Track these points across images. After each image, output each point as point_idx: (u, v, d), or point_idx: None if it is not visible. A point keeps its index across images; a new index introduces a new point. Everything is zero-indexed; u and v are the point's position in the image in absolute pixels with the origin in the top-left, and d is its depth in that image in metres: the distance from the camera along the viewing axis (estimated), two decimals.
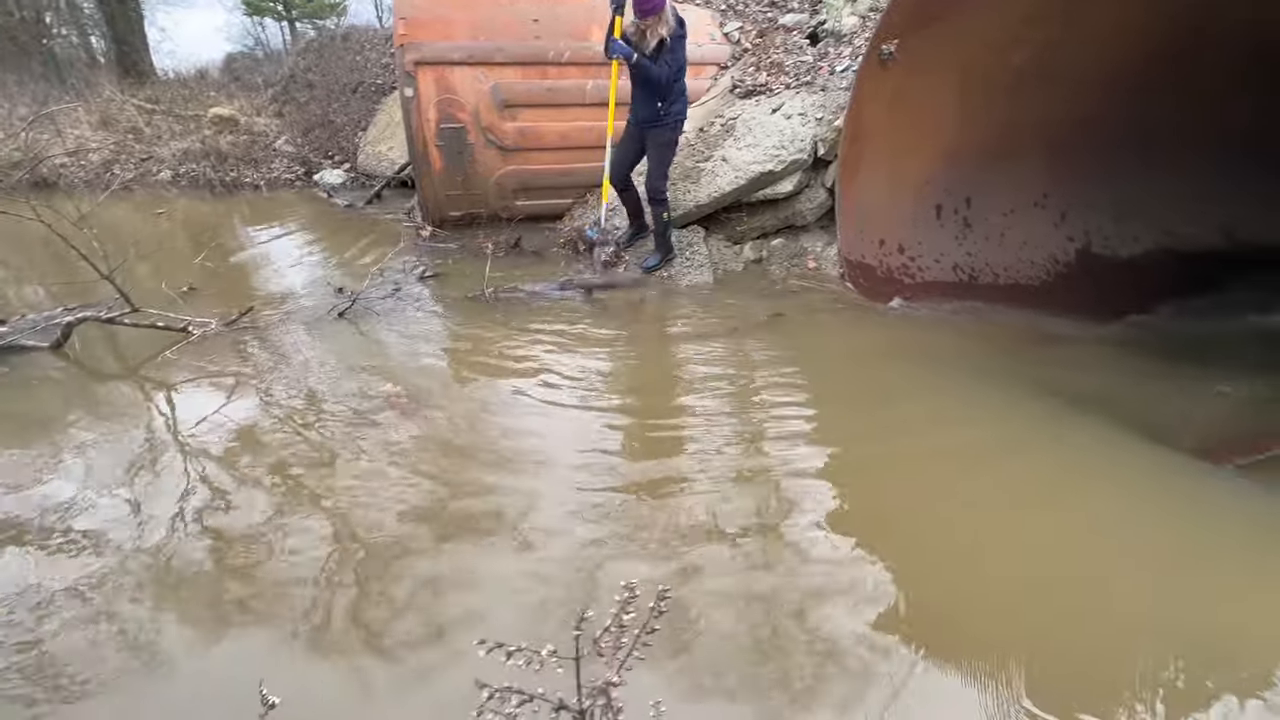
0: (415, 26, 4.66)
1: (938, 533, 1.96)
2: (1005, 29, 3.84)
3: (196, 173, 7.63)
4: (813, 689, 1.41)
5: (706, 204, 4.47)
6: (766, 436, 2.42)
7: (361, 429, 2.44)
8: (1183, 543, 1.96)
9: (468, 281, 4.07)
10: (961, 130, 4.19)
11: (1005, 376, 3.03)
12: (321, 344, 3.22)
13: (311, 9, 20.86)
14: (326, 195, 7.40)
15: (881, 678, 1.43)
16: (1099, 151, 4.71)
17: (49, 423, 2.50)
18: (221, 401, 2.65)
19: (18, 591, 1.67)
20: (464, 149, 4.90)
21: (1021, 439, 2.49)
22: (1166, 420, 2.66)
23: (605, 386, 2.85)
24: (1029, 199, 4.67)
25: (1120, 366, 3.37)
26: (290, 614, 1.60)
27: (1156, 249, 5.04)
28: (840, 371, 3.15)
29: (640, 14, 3.67)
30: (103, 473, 2.17)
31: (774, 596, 1.66)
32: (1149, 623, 1.64)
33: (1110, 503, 2.12)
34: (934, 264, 4.32)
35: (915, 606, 1.63)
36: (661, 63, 3.76)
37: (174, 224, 6.13)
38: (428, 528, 1.92)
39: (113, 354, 3.15)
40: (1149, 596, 1.74)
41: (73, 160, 7.26)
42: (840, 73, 4.63)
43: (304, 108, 9.54)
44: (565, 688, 0.94)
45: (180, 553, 1.82)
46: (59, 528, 1.91)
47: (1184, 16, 4.08)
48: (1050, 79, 4.16)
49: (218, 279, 4.17)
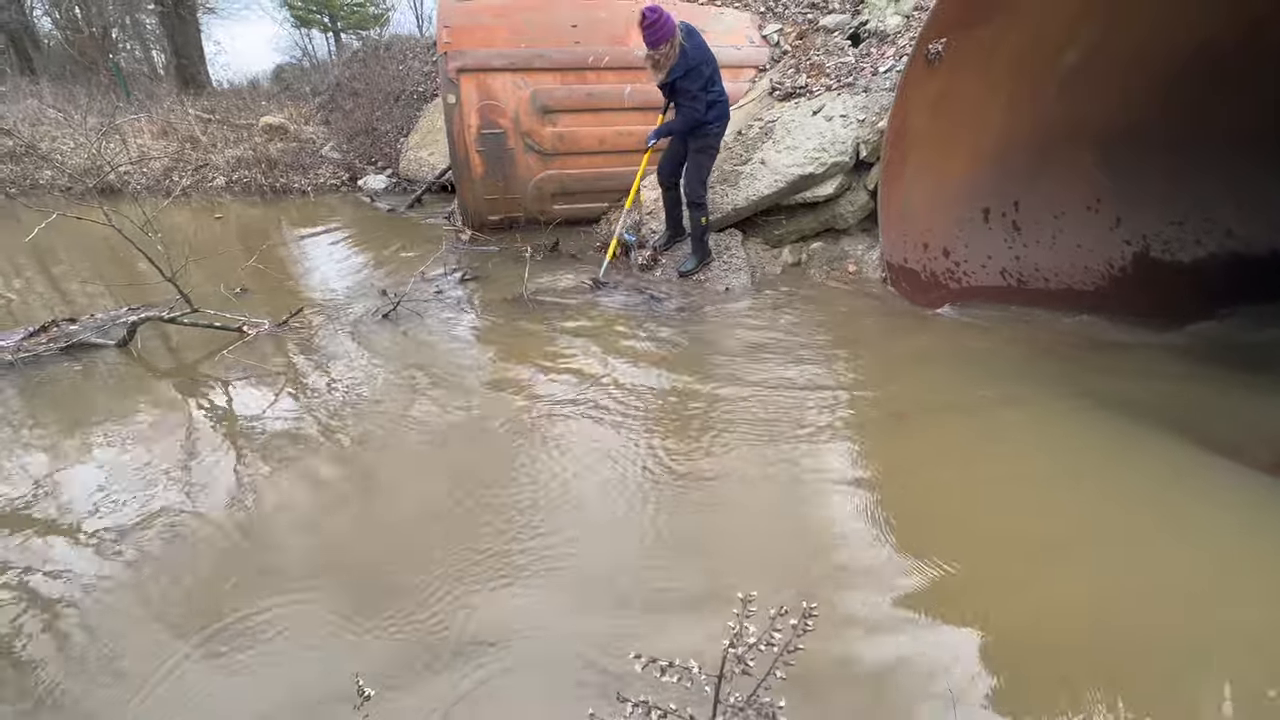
0: (458, 34, 4.76)
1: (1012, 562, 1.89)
2: (1056, 27, 3.71)
3: (248, 179, 7.95)
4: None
5: (744, 207, 4.44)
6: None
7: (404, 426, 2.49)
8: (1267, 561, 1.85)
9: (507, 284, 4.13)
10: (1009, 131, 4.06)
11: (1060, 386, 2.91)
12: (367, 345, 3.30)
13: (356, 20, 21.54)
14: (370, 200, 7.61)
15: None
16: (1155, 152, 4.51)
17: (115, 415, 2.63)
18: (273, 398, 2.75)
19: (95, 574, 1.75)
20: (504, 154, 4.98)
21: (1081, 458, 2.38)
22: (1236, 434, 2.52)
23: (645, 389, 2.85)
24: (1081, 201, 4.50)
25: (1183, 376, 3.21)
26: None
27: (1221, 252, 4.79)
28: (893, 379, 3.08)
29: (652, 44, 3.62)
30: (160, 461, 2.27)
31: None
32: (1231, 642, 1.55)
33: (1180, 526, 2.02)
34: (980, 268, 4.19)
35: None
36: (684, 104, 3.78)
37: (227, 228, 6.39)
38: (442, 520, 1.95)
39: (173, 353, 3.29)
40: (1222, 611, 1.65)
41: (135, 168, 7.65)
42: (883, 73, 4.54)
43: (349, 115, 9.84)
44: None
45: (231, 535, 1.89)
46: (107, 519, 2.01)
47: (1239, 10, 3.87)
48: (1101, 78, 4.00)
49: (268, 281, 4.32)
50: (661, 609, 1.64)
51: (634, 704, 0.88)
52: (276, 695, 1.43)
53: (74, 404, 2.75)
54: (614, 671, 1.43)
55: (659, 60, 3.69)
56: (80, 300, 4.07)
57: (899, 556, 1.81)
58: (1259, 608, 1.69)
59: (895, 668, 1.47)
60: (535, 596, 1.68)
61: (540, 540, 1.88)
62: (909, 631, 1.57)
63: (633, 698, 0.89)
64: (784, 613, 0.90)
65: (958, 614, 1.61)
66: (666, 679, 0.88)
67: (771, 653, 0.90)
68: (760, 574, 1.76)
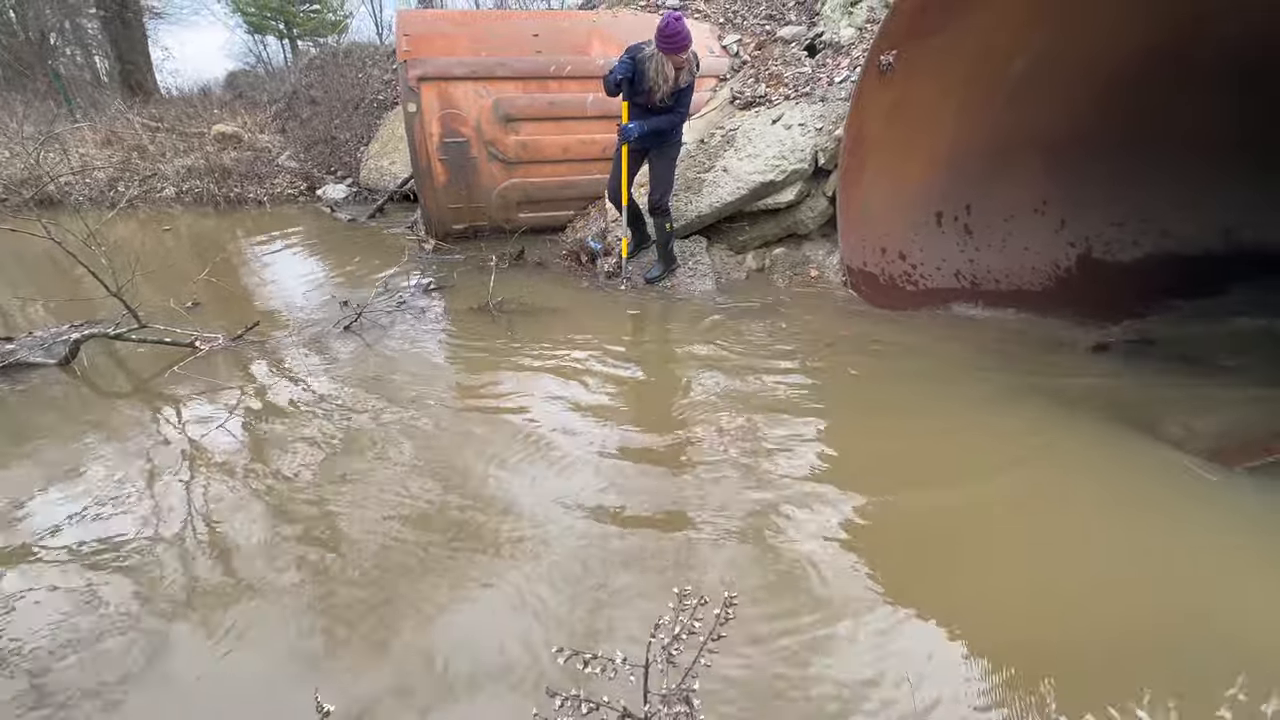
0: (418, 43, 4.71)
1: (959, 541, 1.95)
2: (1004, 36, 3.87)
3: (200, 189, 7.69)
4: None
5: (708, 214, 4.50)
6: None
7: (366, 439, 2.44)
8: (1186, 543, 1.96)
9: (472, 293, 4.09)
10: (961, 138, 4.22)
11: (1009, 382, 3.03)
12: (328, 357, 3.23)
13: (313, 26, 21.12)
14: (329, 210, 7.45)
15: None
16: (1096, 156, 4.74)
17: (58, 438, 2.50)
18: (227, 415, 2.66)
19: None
20: (467, 162, 4.94)
21: (1019, 443, 2.48)
22: (1172, 422, 2.66)
23: (616, 394, 2.85)
24: (1029, 205, 4.70)
25: (1123, 369, 3.37)
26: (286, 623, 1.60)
27: (1157, 252, 5.05)
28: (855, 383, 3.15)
29: (674, 50, 3.58)
30: (109, 486, 2.18)
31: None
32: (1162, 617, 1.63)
33: (1113, 506, 2.12)
34: (936, 270, 4.34)
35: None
36: (679, 109, 3.87)
37: (178, 240, 6.17)
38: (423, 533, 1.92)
39: (121, 370, 3.16)
40: (1157, 595, 1.73)
41: (77, 178, 7.33)
42: (839, 83, 4.67)
43: (306, 124, 9.63)
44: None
45: (185, 563, 1.82)
46: (65, 542, 1.91)
47: (1180, 17, 4.11)
48: (1047, 85, 4.19)
49: (223, 294, 4.19)
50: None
51: (564, 698, 0.89)
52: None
53: (11, 425, 2.61)
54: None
55: (677, 70, 3.68)
56: (18, 318, 3.88)
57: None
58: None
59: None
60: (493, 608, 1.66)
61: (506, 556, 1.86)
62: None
63: (562, 692, 0.90)
64: (704, 602, 0.93)
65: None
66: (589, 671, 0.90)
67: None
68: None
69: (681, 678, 0.91)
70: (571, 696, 0.88)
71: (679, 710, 0.88)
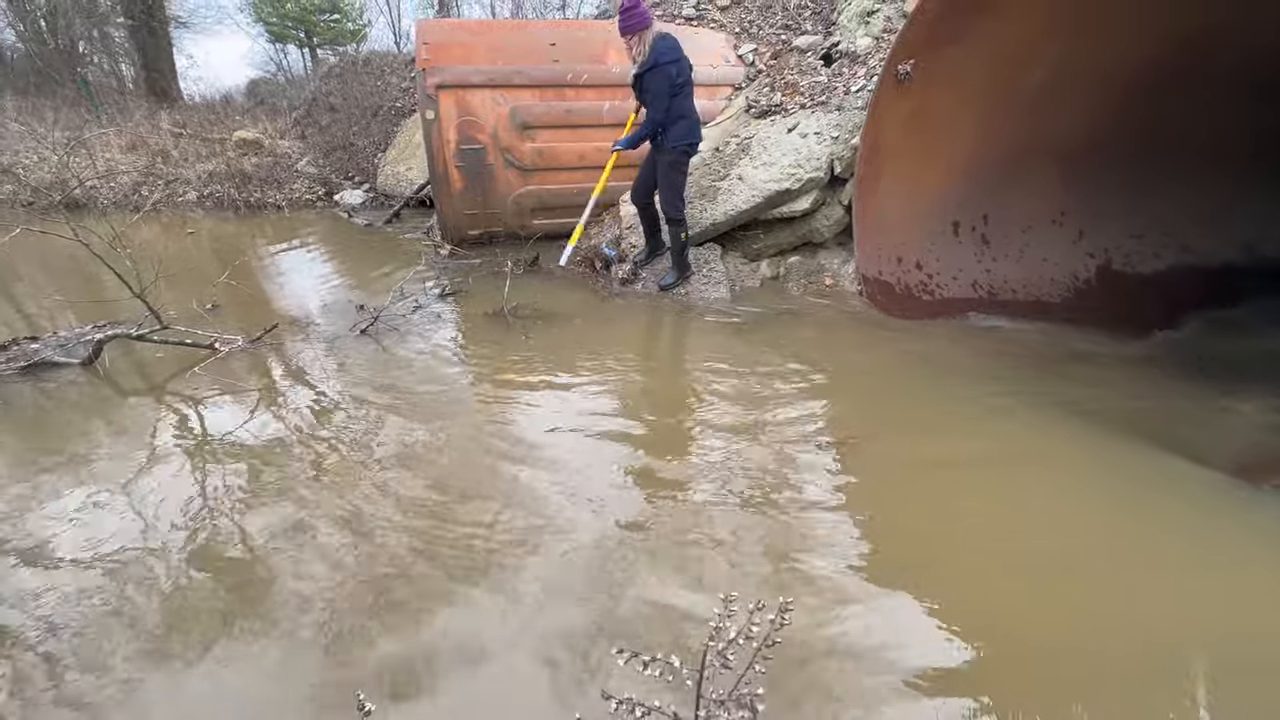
0: (437, 51, 4.78)
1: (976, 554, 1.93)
2: (1022, 46, 3.86)
3: (221, 194, 7.83)
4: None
5: (723, 222, 4.50)
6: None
7: (382, 441, 2.45)
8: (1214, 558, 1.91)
9: (487, 298, 4.11)
10: (978, 148, 4.20)
11: (1029, 395, 2.99)
12: (344, 360, 3.26)
13: (332, 35, 21.47)
14: (347, 215, 7.54)
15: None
16: (1113, 166, 4.70)
17: (80, 435, 2.54)
18: (246, 417, 2.69)
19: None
20: (483, 169, 4.99)
21: (1021, 444, 2.45)
22: (1197, 438, 2.61)
23: (626, 402, 2.85)
24: (1047, 215, 4.66)
25: (1146, 383, 3.32)
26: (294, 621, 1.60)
27: (1179, 265, 4.98)
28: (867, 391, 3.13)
29: (622, 31, 3.82)
30: (130, 483, 2.20)
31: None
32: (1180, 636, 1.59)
33: (1142, 524, 2.08)
34: (952, 280, 4.30)
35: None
36: (649, 104, 3.90)
37: (199, 243, 6.27)
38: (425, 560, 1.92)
39: (142, 370, 3.20)
40: (1177, 608, 1.69)
41: (103, 182, 7.49)
42: (855, 92, 4.67)
43: (325, 130, 9.77)
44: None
45: (207, 562, 1.83)
46: (85, 537, 1.94)
47: (1195, 27, 4.07)
48: (1064, 95, 4.16)
49: (242, 297, 4.24)
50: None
51: (619, 701, 0.88)
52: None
53: (35, 424, 2.65)
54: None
55: (629, 49, 3.87)
56: (43, 319, 3.95)
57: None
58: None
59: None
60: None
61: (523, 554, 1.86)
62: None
63: (617, 695, 0.90)
64: (761, 607, 0.92)
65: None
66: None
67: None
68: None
69: (735, 682, 0.90)
70: (625, 700, 0.88)
71: (741, 715, 0.87)
